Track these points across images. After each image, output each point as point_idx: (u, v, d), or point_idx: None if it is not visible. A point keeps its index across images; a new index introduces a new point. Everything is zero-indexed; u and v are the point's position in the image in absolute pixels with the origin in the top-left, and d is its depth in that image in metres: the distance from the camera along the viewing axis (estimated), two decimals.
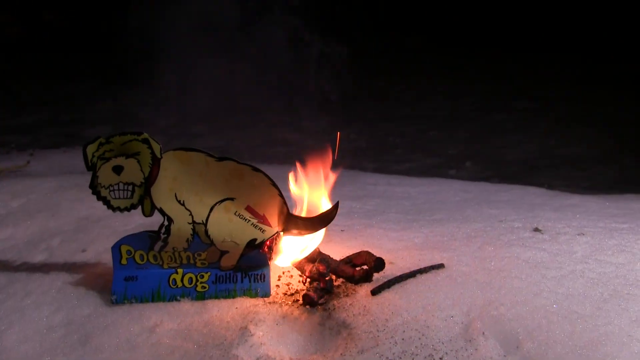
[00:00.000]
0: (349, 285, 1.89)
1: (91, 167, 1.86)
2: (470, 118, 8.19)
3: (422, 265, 1.94)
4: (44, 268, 2.13)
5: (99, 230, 2.43)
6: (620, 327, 1.60)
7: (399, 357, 1.53)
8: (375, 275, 1.90)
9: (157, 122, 8.80)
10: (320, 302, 1.79)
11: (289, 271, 2.01)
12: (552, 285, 1.81)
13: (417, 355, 1.53)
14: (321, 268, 1.84)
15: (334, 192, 3.49)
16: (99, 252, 2.21)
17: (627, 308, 1.68)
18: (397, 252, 2.11)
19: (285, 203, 1.89)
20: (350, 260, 1.97)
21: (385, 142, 7.79)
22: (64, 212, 2.67)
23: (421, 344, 1.57)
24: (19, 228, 2.54)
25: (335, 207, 1.91)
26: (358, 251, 1.99)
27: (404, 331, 1.61)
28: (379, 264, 1.87)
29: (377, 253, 1.98)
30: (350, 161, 7.06)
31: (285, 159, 7.25)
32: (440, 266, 1.93)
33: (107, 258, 2.00)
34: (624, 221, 2.54)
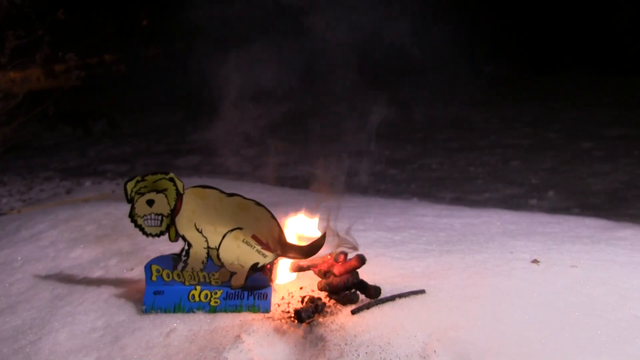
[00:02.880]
0: (338, 305, 2.25)
1: (130, 200, 2.38)
2: (556, 147, 8.17)
3: (407, 291, 2.26)
4: (98, 282, 2.68)
5: (148, 254, 2.95)
6: (564, 352, 1.83)
7: None
8: (362, 298, 2.25)
9: (244, 152, 9.55)
10: (307, 319, 2.16)
11: (291, 294, 2.40)
12: (517, 313, 2.06)
13: None
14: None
15: (375, 221, 3.83)
16: (143, 271, 2.72)
17: (578, 335, 1.91)
18: (392, 278, 2.44)
19: (283, 233, 2.30)
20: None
21: (465, 172, 7.97)
22: (125, 238, 3.25)
23: (380, 357, 1.90)
24: (87, 249, 3.14)
25: (323, 237, 2.29)
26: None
27: (367, 346, 1.95)
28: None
29: (372, 280, 2.33)
30: (429, 190, 7.35)
31: (366, 188, 7.66)
32: (421, 292, 2.24)
33: None
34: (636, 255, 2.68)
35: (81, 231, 3.42)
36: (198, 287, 2.35)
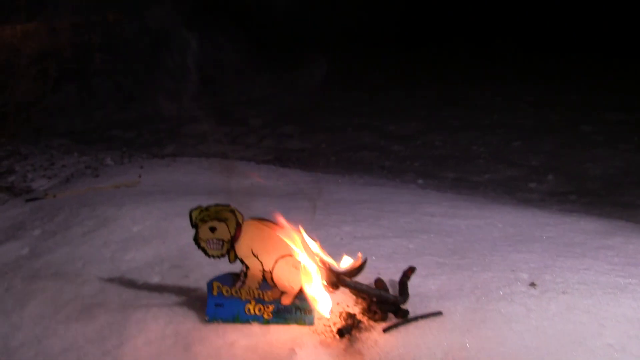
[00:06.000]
0: (371, 322, 2.85)
1: (194, 226, 2.93)
2: (558, 129, 8.73)
3: (427, 311, 2.86)
4: (159, 289, 3.25)
5: (198, 260, 3.51)
6: None
7: None
8: (390, 316, 2.86)
9: (250, 121, 10.01)
10: (346, 335, 2.76)
11: (331, 311, 2.99)
12: (516, 338, 2.66)
13: None
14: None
15: (390, 223, 4.38)
16: (197, 279, 3.29)
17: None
18: (412, 298, 3.03)
19: (326, 261, 2.88)
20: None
21: (468, 152, 8.52)
22: (171, 239, 3.81)
23: None
24: (139, 252, 3.69)
25: (363, 264, 2.88)
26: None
27: None
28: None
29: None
30: (431, 169, 7.91)
31: (370, 163, 8.20)
32: (438, 314, 2.84)
33: (203, 284, 3.05)
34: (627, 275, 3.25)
35: (129, 232, 3.97)
36: (253, 302, 2.93)
